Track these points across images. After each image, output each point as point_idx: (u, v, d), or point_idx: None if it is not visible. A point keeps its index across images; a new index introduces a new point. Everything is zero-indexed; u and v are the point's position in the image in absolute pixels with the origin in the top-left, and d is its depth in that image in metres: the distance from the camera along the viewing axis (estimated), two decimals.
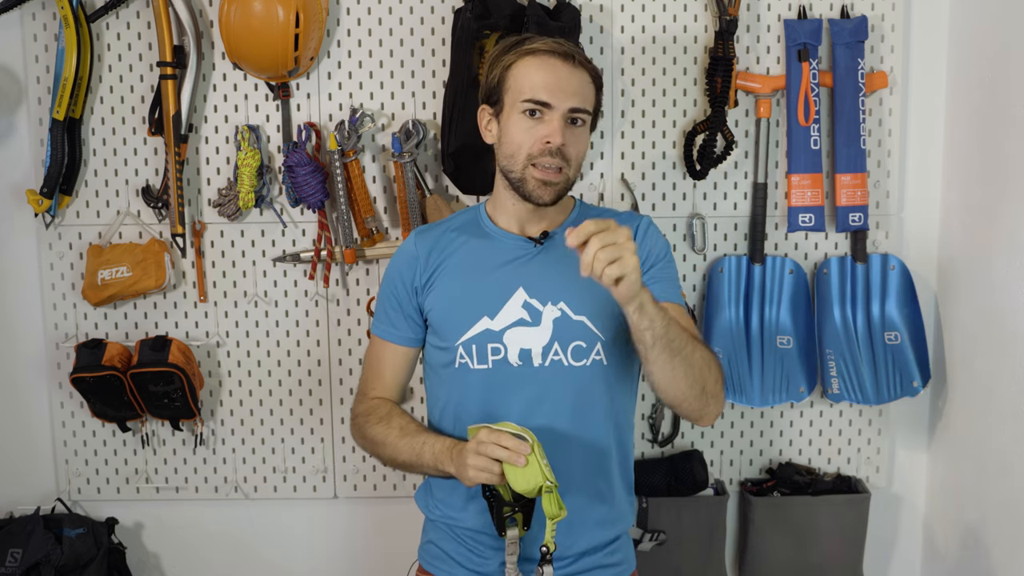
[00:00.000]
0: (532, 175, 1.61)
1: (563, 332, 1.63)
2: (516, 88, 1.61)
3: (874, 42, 2.17)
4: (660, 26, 2.17)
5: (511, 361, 1.63)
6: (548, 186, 1.61)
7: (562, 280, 1.64)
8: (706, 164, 2.14)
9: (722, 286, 2.21)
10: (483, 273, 1.67)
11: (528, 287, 1.64)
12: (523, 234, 1.70)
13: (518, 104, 1.60)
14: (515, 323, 1.63)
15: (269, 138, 2.20)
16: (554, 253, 1.67)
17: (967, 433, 2.12)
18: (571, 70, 1.60)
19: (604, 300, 1.61)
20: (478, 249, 1.70)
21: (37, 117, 2.20)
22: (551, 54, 1.60)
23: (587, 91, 1.62)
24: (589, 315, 1.63)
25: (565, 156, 1.60)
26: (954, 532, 2.18)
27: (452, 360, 1.67)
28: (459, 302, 1.67)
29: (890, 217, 2.23)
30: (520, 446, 1.46)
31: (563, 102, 1.59)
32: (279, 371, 2.29)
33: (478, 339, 1.64)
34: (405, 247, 1.76)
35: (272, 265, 2.25)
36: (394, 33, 2.17)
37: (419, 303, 1.72)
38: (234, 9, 1.97)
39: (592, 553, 1.67)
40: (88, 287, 2.17)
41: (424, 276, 1.71)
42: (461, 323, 1.66)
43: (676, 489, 2.19)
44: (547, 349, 1.63)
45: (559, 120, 1.59)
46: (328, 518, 2.36)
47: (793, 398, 2.18)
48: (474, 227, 1.73)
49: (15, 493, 2.33)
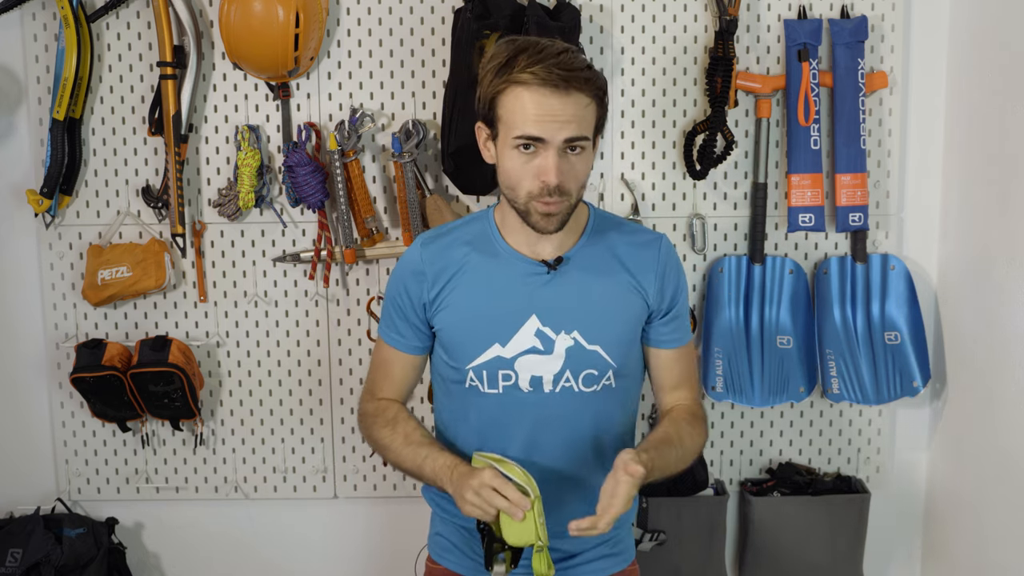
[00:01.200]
0: (535, 208, 1.52)
1: (576, 361, 1.61)
2: (508, 121, 1.49)
3: (874, 42, 2.17)
4: (660, 26, 2.17)
5: (522, 387, 1.62)
6: (552, 217, 1.53)
7: (577, 308, 1.60)
8: (706, 164, 2.14)
9: (722, 286, 2.21)
10: (495, 297, 1.61)
11: (541, 314, 1.60)
12: (535, 256, 1.61)
13: (510, 140, 1.50)
14: (527, 351, 1.60)
15: (269, 138, 2.20)
16: (568, 277, 1.61)
17: (967, 433, 2.12)
18: (564, 99, 1.46)
19: (619, 329, 1.63)
20: (489, 269, 1.62)
21: (37, 117, 2.20)
22: (542, 87, 1.46)
23: (585, 115, 1.49)
24: (603, 344, 1.61)
25: (565, 189, 1.51)
26: (954, 532, 2.18)
27: (462, 380, 1.64)
28: (470, 326, 1.62)
29: (890, 217, 2.23)
30: (521, 501, 1.43)
31: (557, 135, 1.47)
32: (279, 371, 2.29)
33: (489, 365, 1.61)
34: (411, 258, 1.67)
35: (272, 265, 2.25)
36: (394, 33, 2.17)
37: (427, 318, 1.66)
38: (234, 9, 1.97)
39: (594, 547, 1.70)
40: (88, 287, 2.17)
41: (432, 293, 1.64)
42: (472, 348, 1.62)
43: (676, 489, 2.19)
44: (558, 377, 1.61)
45: (553, 156, 1.48)
46: (328, 518, 2.36)
47: (793, 398, 2.18)
48: (484, 242, 1.64)
49: (15, 493, 2.33)
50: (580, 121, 1.48)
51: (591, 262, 1.62)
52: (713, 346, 2.18)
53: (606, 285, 1.62)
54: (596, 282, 1.62)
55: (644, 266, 1.64)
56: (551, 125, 1.47)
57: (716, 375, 2.16)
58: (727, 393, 2.15)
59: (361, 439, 2.30)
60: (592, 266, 1.62)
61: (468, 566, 1.71)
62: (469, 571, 1.71)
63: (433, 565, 1.77)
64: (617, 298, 1.62)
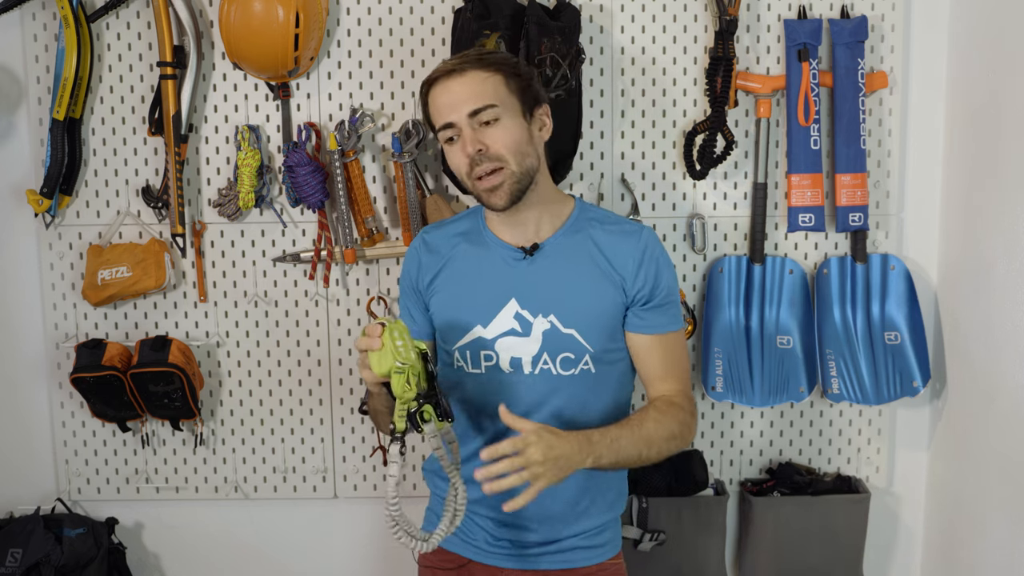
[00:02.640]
0: (479, 188, 1.65)
1: (552, 344, 1.68)
2: (434, 123, 1.67)
3: (874, 42, 2.17)
4: (660, 26, 2.17)
5: (503, 368, 1.70)
6: (496, 191, 1.64)
7: (553, 293, 1.68)
8: (706, 164, 2.14)
9: (722, 286, 2.21)
10: (478, 282, 1.72)
11: (520, 298, 1.69)
12: (514, 243, 1.72)
13: (440, 136, 1.67)
14: (506, 332, 1.69)
15: (269, 138, 2.20)
16: (547, 263, 1.70)
17: (967, 433, 2.12)
18: (460, 80, 1.62)
19: (594, 314, 1.69)
20: (475, 257, 1.74)
21: (37, 117, 2.20)
22: (441, 77, 1.64)
23: (483, 88, 1.62)
24: (578, 328, 1.68)
25: (493, 155, 1.62)
26: (954, 532, 2.18)
27: (451, 362, 1.75)
28: (455, 309, 1.73)
29: (890, 217, 2.23)
30: (373, 329, 1.50)
31: (460, 112, 1.62)
32: (279, 371, 2.29)
33: (471, 346, 1.71)
34: (413, 245, 1.82)
35: (272, 265, 2.25)
36: (394, 33, 2.17)
37: (425, 303, 1.79)
38: (234, 9, 1.97)
39: (580, 535, 1.74)
40: (88, 287, 2.17)
41: (427, 279, 1.78)
42: (457, 329, 1.72)
43: (676, 489, 2.19)
44: (536, 359, 1.68)
45: (466, 130, 1.62)
46: (328, 518, 2.36)
47: (793, 398, 2.18)
48: (474, 233, 1.77)
49: (15, 493, 2.33)
50: (479, 93, 1.62)
51: (570, 249, 1.70)
52: (713, 346, 2.18)
53: (583, 271, 1.69)
54: (573, 268, 1.69)
55: (622, 254, 1.70)
56: (453, 108, 1.62)
57: (716, 375, 2.16)
58: (727, 393, 2.16)
59: (361, 439, 2.31)
60: (571, 253, 1.70)
61: (458, 545, 1.78)
62: (458, 549, 1.79)
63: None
64: (593, 284, 1.69)
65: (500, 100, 1.62)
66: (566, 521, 1.72)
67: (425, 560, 1.84)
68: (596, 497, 1.74)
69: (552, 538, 1.73)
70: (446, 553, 1.79)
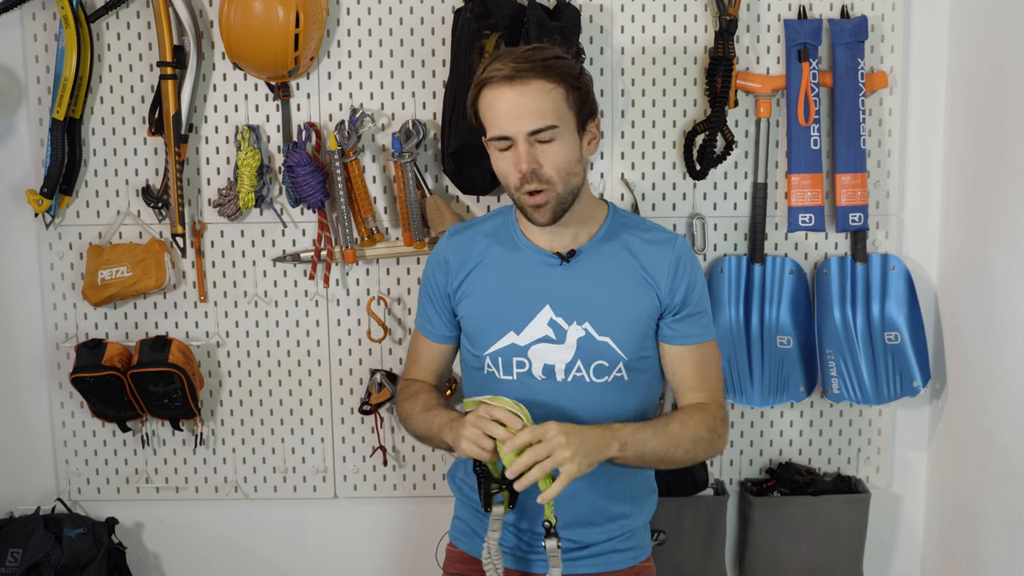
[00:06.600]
0: (524, 201, 1.62)
1: (586, 351, 1.66)
2: (486, 123, 1.61)
3: (874, 42, 2.17)
4: (660, 26, 2.17)
5: (535, 375, 1.68)
6: (540, 208, 1.61)
7: (588, 299, 1.66)
8: (706, 164, 2.14)
9: (722, 286, 2.21)
10: (511, 287, 1.69)
11: (555, 305, 1.67)
12: (550, 248, 1.69)
13: (491, 142, 1.61)
14: (540, 339, 1.67)
15: (269, 138, 2.20)
16: (582, 270, 1.68)
17: (967, 433, 2.12)
18: (520, 91, 1.54)
19: (628, 322, 1.67)
20: (507, 261, 1.71)
21: (37, 117, 2.20)
22: (499, 81, 1.55)
23: (544, 103, 1.55)
24: (613, 336, 1.66)
25: (544, 177, 1.58)
26: (954, 532, 2.18)
27: (481, 367, 1.72)
28: (488, 314, 1.70)
29: (890, 217, 2.23)
30: (512, 420, 1.49)
31: (519, 128, 1.56)
32: (279, 371, 2.29)
33: (504, 352, 1.69)
34: (439, 249, 1.79)
35: (272, 265, 2.25)
36: (394, 33, 2.17)
37: (452, 307, 1.76)
38: (234, 9, 1.97)
39: (607, 540, 1.72)
40: (88, 287, 2.17)
41: (455, 282, 1.74)
42: (489, 335, 1.70)
43: (676, 489, 2.19)
44: (570, 366, 1.67)
45: (523, 147, 1.56)
46: (328, 518, 2.36)
47: (793, 398, 2.18)
48: (505, 235, 1.74)
49: (15, 493, 2.33)
50: (541, 111, 1.55)
51: (604, 256, 1.68)
52: None
53: (618, 279, 1.67)
54: (608, 275, 1.67)
55: (657, 263, 1.68)
56: (513, 121, 1.56)
57: None
58: (727, 393, 2.15)
59: (361, 439, 2.31)
60: (606, 260, 1.68)
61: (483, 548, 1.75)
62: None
63: (452, 549, 1.84)
64: (628, 292, 1.67)
65: (560, 118, 1.57)
66: (596, 524, 1.70)
67: (452, 568, 1.82)
68: (627, 500, 1.73)
69: (586, 542, 1.71)
70: (475, 562, 1.76)
